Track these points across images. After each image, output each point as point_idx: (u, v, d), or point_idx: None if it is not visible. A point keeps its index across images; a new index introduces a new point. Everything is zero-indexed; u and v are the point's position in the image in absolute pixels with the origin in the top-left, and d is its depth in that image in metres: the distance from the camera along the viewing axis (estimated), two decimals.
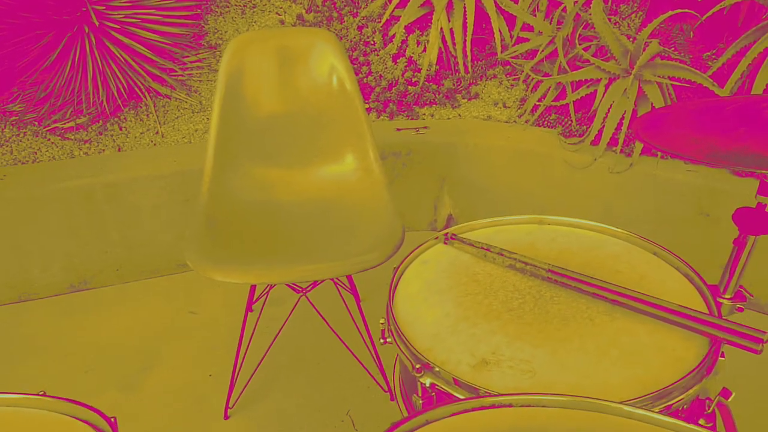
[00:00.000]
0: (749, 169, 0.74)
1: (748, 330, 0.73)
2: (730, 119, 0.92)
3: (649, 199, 2.20)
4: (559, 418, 0.63)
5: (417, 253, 1.02)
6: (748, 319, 1.98)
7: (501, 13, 2.59)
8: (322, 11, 2.83)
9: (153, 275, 2.34)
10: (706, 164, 0.79)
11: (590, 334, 0.79)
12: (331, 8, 2.84)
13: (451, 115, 2.68)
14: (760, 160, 0.77)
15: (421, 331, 0.82)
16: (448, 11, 2.63)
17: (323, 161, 1.79)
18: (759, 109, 0.91)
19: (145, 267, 2.32)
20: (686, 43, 2.43)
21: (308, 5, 2.93)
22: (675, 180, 2.09)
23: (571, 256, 0.97)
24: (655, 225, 2.20)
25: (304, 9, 2.93)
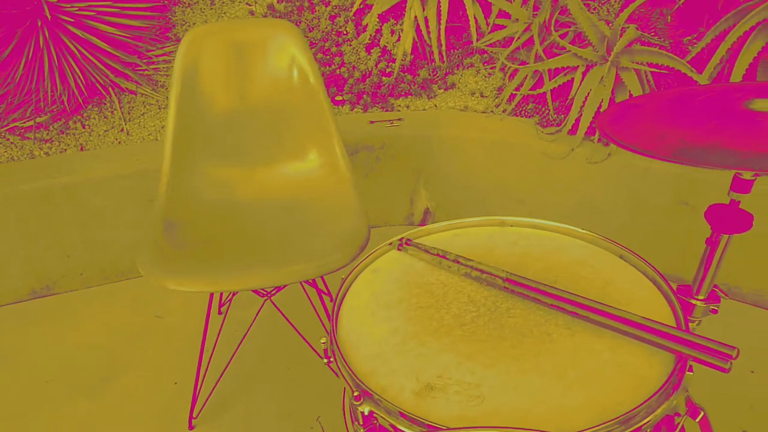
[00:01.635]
0: (718, 168, 0.67)
1: (717, 345, 0.66)
2: (702, 111, 0.85)
3: (628, 188, 2.14)
4: None
5: (368, 260, 0.94)
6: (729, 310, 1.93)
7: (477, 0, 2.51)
8: (293, 1, 2.73)
9: (119, 279, 2.26)
10: (673, 161, 0.72)
11: (547, 352, 0.72)
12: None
13: (427, 105, 2.60)
14: (730, 158, 0.70)
15: (364, 351, 0.75)
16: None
17: (287, 158, 1.71)
18: (732, 99, 0.84)
19: (111, 270, 2.24)
20: (666, 28, 2.36)
21: None
22: (653, 169, 2.03)
23: (532, 262, 0.90)
24: (634, 215, 2.15)
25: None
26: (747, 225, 0.91)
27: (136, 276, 2.27)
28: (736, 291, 2.01)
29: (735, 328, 1.87)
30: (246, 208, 1.66)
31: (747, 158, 0.68)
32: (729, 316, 1.92)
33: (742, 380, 1.67)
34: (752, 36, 1.87)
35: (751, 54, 1.86)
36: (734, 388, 1.64)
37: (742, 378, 1.68)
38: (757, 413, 1.56)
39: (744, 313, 1.94)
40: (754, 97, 0.80)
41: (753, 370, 1.71)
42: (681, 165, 0.79)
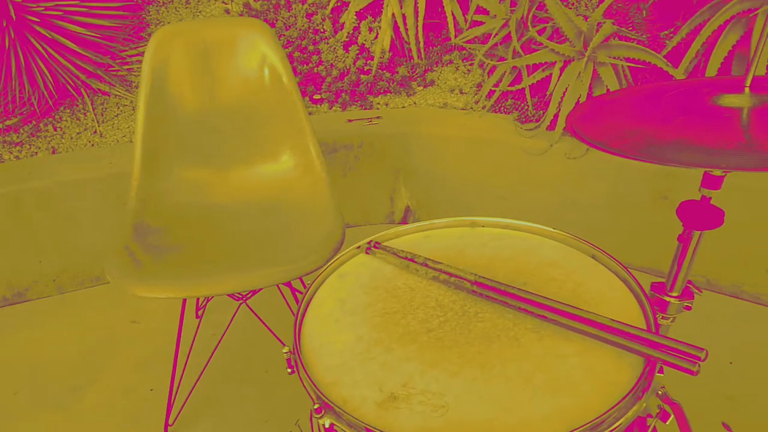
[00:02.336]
0: (683, 166, 0.65)
1: (685, 347, 0.65)
2: (670, 107, 0.83)
3: (608, 183, 2.13)
4: None
5: (335, 265, 0.92)
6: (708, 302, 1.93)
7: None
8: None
9: (93, 284, 2.21)
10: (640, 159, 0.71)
11: (514, 357, 0.70)
12: None
13: (406, 103, 2.57)
14: (696, 155, 0.68)
15: (327, 361, 0.73)
16: None
17: (261, 159, 1.68)
18: (700, 95, 0.82)
19: (85, 276, 2.19)
20: (643, 22, 2.35)
21: None
22: (632, 164, 2.02)
23: (502, 264, 0.88)
24: (615, 210, 2.14)
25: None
26: (718, 221, 0.90)
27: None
28: (714, 283, 2.01)
29: (714, 320, 1.87)
30: (220, 210, 1.63)
31: (713, 155, 0.66)
32: (708, 308, 1.92)
33: (721, 372, 1.67)
34: (726, 29, 1.86)
35: (725, 48, 1.86)
36: (713, 379, 1.64)
37: (720, 370, 1.68)
38: (736, 405, 1.55)
39: (723, 305, 1.94)
40: (721, 93, 0.78)
41: (732, 362, 1.71)
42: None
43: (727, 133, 0.71)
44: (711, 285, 2.04)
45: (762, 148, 0.67)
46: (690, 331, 1.81)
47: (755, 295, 1.94)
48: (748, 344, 1.76)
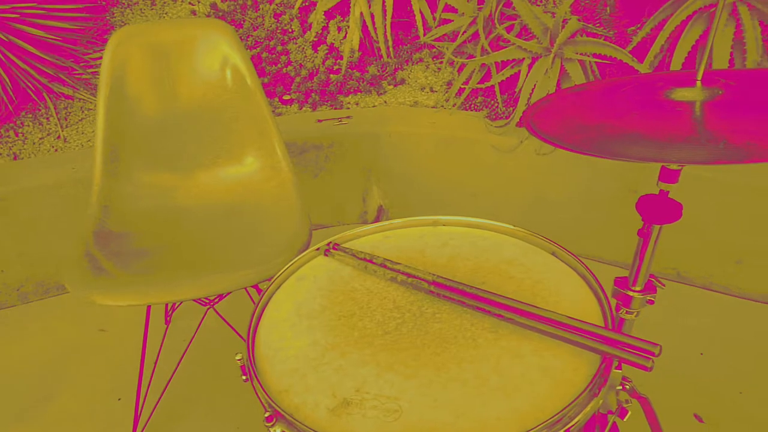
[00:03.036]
0: (634, 161, 0.65)
1: (641, 343, 0.64)
2: (625, 102, 0.83)
3: (578, 179, 2.14)
4: None
5: (293, 267, 0.90)
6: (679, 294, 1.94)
7: None
8: None
9: (59, 292, 2.16)
10: (592, 155, 0.70)
11: (470, 359, 0.69)
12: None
13: (376, 102, 2.56)
14: (648, 149, 0.68)
15: (281, 367, 0.71)
16: None
17: (226, 162, 1.65)
18: (654, 89, 0.82)
19: (50, 284, 2.14)
20: (611, 19, 2.37)
21: None
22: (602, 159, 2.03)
23: (462, 263, 0.87)
24: (587, 205, 2.15)
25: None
26: (677, 214, 0.90)
27: None
28: (685, 276, 2.03)
29: (685, 313, 1.88)
30: (184, 214, 1.60)
31: (665, 149, 0.66)
32: (679, 301, 1.94)
33: (692, 363, 1.69)
34: (690, 24, 1.88)
35: (689, 42, 1.88)
36: (684, 371, 1.65)
37: (692, 361, 1.70)
38: (708, 395, 1.57)
39: (693, 297, 1.96)
40: (674, 87, 0.78)
41: (702, 353, 1.72)
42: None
43: (678, 126, 0.70)
44: (681, 277, 2.06)
45: (713, 141, 0.66)
46: (661, 324, 1.82)
47: (725, 287, 1.96)
48: (719, 335, 1.77)
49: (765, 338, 1.75)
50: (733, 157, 0.61)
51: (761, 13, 1.78)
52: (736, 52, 1.86)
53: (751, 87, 0.77)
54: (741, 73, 0.84)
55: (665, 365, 1.67)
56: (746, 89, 0.76)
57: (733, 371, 1.64)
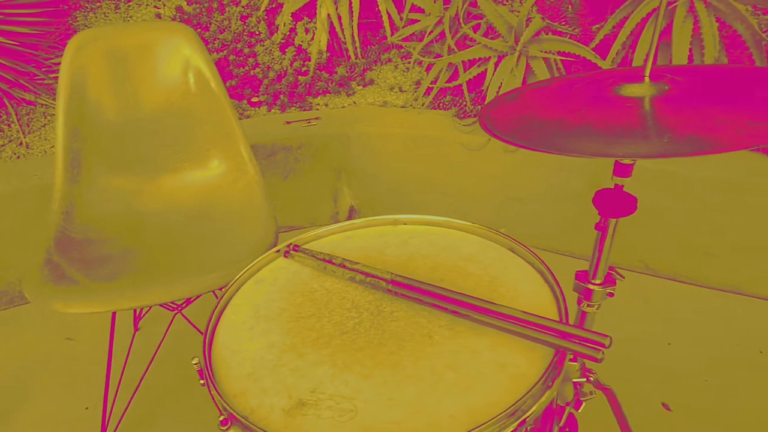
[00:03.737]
0: (581, 156, 0.66)
1: (591, 335, 0.65)
2: (577, 98, 0.84)
3: (546, 175, 2.17)
4: None
5: (253, 270, 0.90)
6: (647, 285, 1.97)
7: None
8: (202, 2, 2.63)
9: (24, 302, 2.12)
10: (543, 151, 0.71)
11: (427, 356, 0.69)
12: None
13: (346, 103, 2.56)
14: (596, 145, 0.69)
15: (237, 370, 0.71)
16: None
17: (191, 166, 1.64)
18: (604, 85, 0.83)
19: (14, 293, 2.09)
20: (576, 17, 2.40)
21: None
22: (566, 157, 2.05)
23: (421, 261, 0.88)
24: (556, 200, 2.18)
25: (184, 1, 2.72)
26: (631, 208, 0.92)
27: None
28: (652, 267, 2.07)
29: (653, 303, 1.92)
30: (149, 219, 1.58)
31: (612, 143, 0.67)
32: (647, 292, 1.97)
33: (660, 353, 1.72)
34: (650, 21, 1.91)
35: (649, 38, 1.91)
36: (652, 360, 1.68)
37: (659, 350, 1.73)
38: (675, 384, 1.60)
39: (661, 288, 1.99)
40: (623, 83, 0.79)
41: (670, 342, 1.76)
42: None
43: (626, 121, 0.71)
44: (649, 269, 2.09)
45: (658, 135, 0.68)
46: (630, 315, 1.85)
47: (692, 278, 2.00)
48: (686, 325, 1.81)
49: (729, 327, 1.79)
50: (677, 150, 0.62)
51: (717, 10, 1.82)
52: (695, 48, 1.90)
53: (695, 82, 0.78)
54: (686, 69, 0.85)
55: (634, 356, 1.70)
56: (691, 85, 0.77)
57: (699, 360, 1.67)
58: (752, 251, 1.86)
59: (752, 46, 1.82)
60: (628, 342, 1.75)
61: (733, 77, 0.81)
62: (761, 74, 0.81)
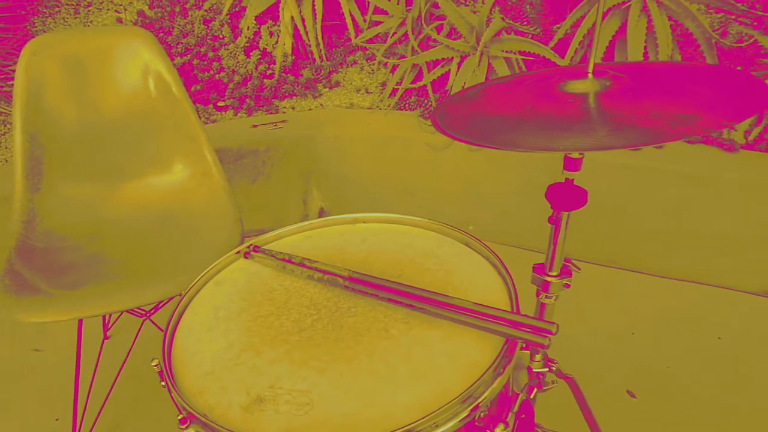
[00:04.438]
0: (524, 151, 0.68)
1: (539, 323, 0.68)
2: (525, 95, 0.87)
3: (511, 171, 2.20)
4: None
5: (213, 272, 0.90)
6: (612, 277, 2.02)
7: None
8: (164, 6, 2.61)
9: None
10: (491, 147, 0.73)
11: (382, 350, 0.71)
12: (173, 2, 2.63)
13: (312, 105, 2.57)
14: (541, 139, 0.71)
15: (196, 370, 0.71)
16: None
17: (154, 171, 1.63)
18: (551, 82, 0.86)
19: None
20: (538, 17, 2.45)
21: (150, 0, 2.70)
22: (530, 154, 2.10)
23: (379, 258, 0.89)
24: (522, 196, 2.21)
25: (146, 5, 2.70)
26: (582, 201, 0.95)
27: None
28: (616, 260, 2.12)
29: (617, 295, 1.97)
30: (114, 225, 1.57)
31: (555, 138, 0.69)
32: (611, 284, 2.02)
33: (625, 342, 1.76)
34: (606, 19, 1.97)
35: (606, 36, 1.96)
36: (618, 350, 1.73)
37: (624, 340, 1.77)
38: (640, 372, 1.64)
39: (624, 280, 2.05)
40: (567, 79, 0.82)
41: (634, 332, 1.81)
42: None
43: (569, 116, 0.74)
44: (613, 262, 2.14)
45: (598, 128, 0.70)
46: (595, 307, 1.90)
47: (654, 270, 2.05)
48: (648, 315, 1.86)
49: (689, 315, 1.85)
50: (614, 143, 0.65)
51: (669, 9, 1.88)
52: (650, 46, 1.95)
53: (636, 78, 0.82)
54: (628, 66, 0.89)
55: (600, 346, 1.75)
56: (632, 81, 0.81)
57: (662, 348, 1.73)
58: (710, 243, 1.92)
59: (703, 44, 1.88)
60: (595, 333, 1.79)
61: (672, 73, 0.85)
62: (697, 70, 0.85)
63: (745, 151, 1.91)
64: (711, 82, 0.76)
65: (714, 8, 2.03)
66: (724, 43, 1.96)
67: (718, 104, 0.68)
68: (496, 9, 2.29)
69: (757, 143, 1.93)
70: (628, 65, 0.91)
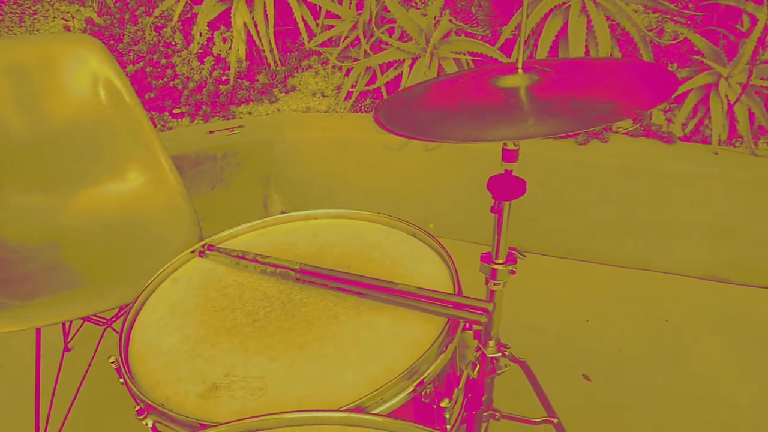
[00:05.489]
0: (456, 142, 0.73)
1: (477, 302, 0.73)
2: (461, 92, 0.92)
3: (466, 169, 2.26)
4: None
5: (168, 271, 0.93)
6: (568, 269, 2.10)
7: (303, 1, 2.53)
8: (113, 14, 2.59)
9: None
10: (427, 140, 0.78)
11: (332, 336, 0.75)
12: (123, 9, 2.61)
13: (269, 110, 2.58)
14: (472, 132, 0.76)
15: (153, 363, 0.74)
16: (249, 4, 2.52)
17: (109, 179, 1.63)
18: (485, 79, 0.92)
19: None
20: (487, 19, 2.52)
21: (98, 8, 2.67)
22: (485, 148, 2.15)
23: (330, 250, 0.93)
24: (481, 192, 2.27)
25: (95, 12, 2.68)
26: (521, 190, 1.00)
27: None
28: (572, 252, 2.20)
29: (572, 285, 2.05)
30: (70, 234, 1.56)
31: (482, 129, 0.74)
32: (568, 275, 2.11)
33: (579, 329, 1.84)
34: (549, 20, 2.05)
35: (550, 35, 2.05)
36: (573, 336, 1.81)
37: (578, 327, 1.85)
38: (593, 357, 1.72)
39: (577, 270, 2.13)
40: (499, 75, 0.88)
41: (588, 319, 1.89)
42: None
43: (499, 109, 0.80)
44: (567, 254, 2.23)
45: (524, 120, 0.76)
46: (551, 297, 1.98)
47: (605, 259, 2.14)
48: (600, 302, 1.95)
49: (638, 300, 1.94)
50: (538, 132, 0.71)
51: (606, 9, 1.97)
52: (590, 44, 2.05)
53: (563, 73, 0.88)
54: (556, 62, 0.95)
55: (557, 333, 1.83)
56: (559, 75, 0.87)
57: (614, 333, 1.82)
58: (654, 231, 2.02)
59: (639, 42, 1.98)
60: (551, 321, 1.87)
61: (595, 68, 0.91)
62: (617, 65, 0.91)
63: (683, 143, 2.02)
64: (628, 74, 0.83)
65: (651, 8, 2.14)
66: (660, 42, 2.07)
67: (631, 94, 0.74)
68: (447, 12, 2.36)
69: (693, 135, 2.04)
70: (558, 61, 0.98)
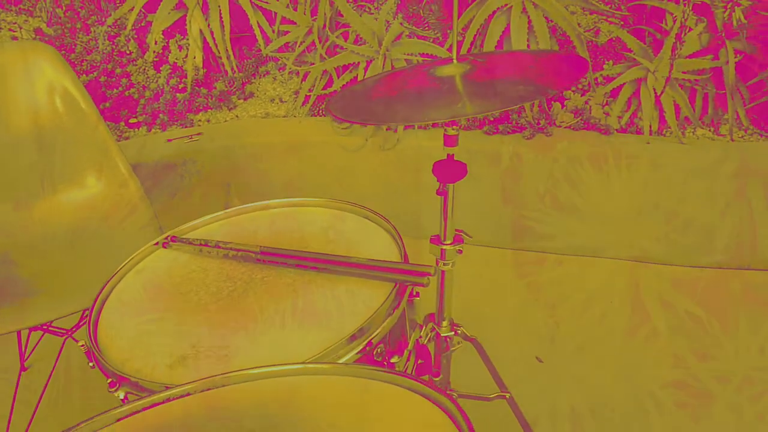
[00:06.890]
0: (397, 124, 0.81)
1: (420, 268, 0.80)
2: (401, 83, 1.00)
3: (422, 166, 2.35)
4: (239, 394, 0.64)
5: (132, 263, 0.98)
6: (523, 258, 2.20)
7: (258, 8, 2.58)
8: (64, 23, 2.60)
9: None
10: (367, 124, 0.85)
11: (291, 307, 0.81)
12: (74, 18, 2.62)
13: (228, 117, 2.63)
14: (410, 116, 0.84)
15: (121, 343, 0.79)
16: (204, 11, 2.56)
17: (67, 187, 1.65)
18: (425, 71, 1.00)
19: None
20: (438, 22, 2.62)
21: (48, 18, 2.67)
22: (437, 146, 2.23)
23: (288, 235, 1.00)
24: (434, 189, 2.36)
25: (43, 22, 2.67)
26: (462, 173, 1.09)
27: None
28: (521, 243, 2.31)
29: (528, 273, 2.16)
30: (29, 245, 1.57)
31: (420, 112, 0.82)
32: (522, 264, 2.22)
33: (535, 315, 1.95)
34: (493, 20, 2.16)
35: (495, 35, 2.15)
36: (528, 322, 1.91)
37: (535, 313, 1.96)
38: (545, 340, 1.83)
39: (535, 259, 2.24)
40: (435, 66, 0.96)
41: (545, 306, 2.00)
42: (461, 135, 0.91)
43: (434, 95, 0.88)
44: (519, 246, 2.33)
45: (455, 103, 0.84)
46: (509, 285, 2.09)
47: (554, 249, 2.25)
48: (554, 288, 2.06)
49: (585, 285, 2.06)
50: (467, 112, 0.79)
51: (544, 10, 2.09)
52: (532, 43, 2.16)
53: (493, 64, 0.97)
54: (489, 55, 1.04)
55: (514, 319, 1.93)
56: (489, 65, 0.96)
57: (565, 317, 1.93)
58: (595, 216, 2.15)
59: (575, 40, 2.11)
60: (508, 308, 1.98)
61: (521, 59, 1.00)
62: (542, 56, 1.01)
63: (619, 134, 2.16)
64: (548, 63, 0.92)
65: (588, 10, 2.28)
66: (596, 41, 2.20)
67: (550, 78, 0.83)
68: (399, 16, 2.45)
69: (629, 126, 2.18)
70: (490, 54, 1.07)
